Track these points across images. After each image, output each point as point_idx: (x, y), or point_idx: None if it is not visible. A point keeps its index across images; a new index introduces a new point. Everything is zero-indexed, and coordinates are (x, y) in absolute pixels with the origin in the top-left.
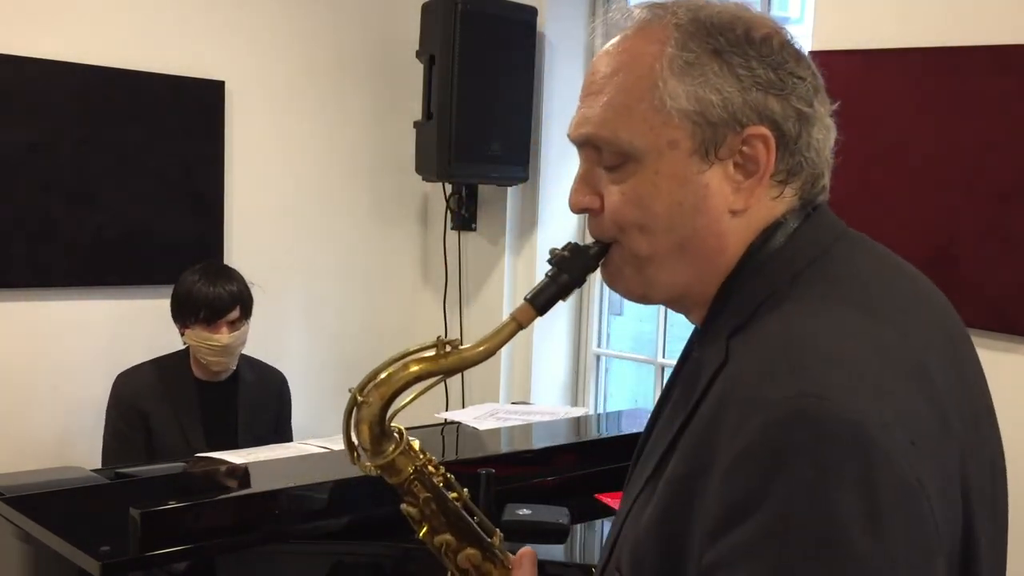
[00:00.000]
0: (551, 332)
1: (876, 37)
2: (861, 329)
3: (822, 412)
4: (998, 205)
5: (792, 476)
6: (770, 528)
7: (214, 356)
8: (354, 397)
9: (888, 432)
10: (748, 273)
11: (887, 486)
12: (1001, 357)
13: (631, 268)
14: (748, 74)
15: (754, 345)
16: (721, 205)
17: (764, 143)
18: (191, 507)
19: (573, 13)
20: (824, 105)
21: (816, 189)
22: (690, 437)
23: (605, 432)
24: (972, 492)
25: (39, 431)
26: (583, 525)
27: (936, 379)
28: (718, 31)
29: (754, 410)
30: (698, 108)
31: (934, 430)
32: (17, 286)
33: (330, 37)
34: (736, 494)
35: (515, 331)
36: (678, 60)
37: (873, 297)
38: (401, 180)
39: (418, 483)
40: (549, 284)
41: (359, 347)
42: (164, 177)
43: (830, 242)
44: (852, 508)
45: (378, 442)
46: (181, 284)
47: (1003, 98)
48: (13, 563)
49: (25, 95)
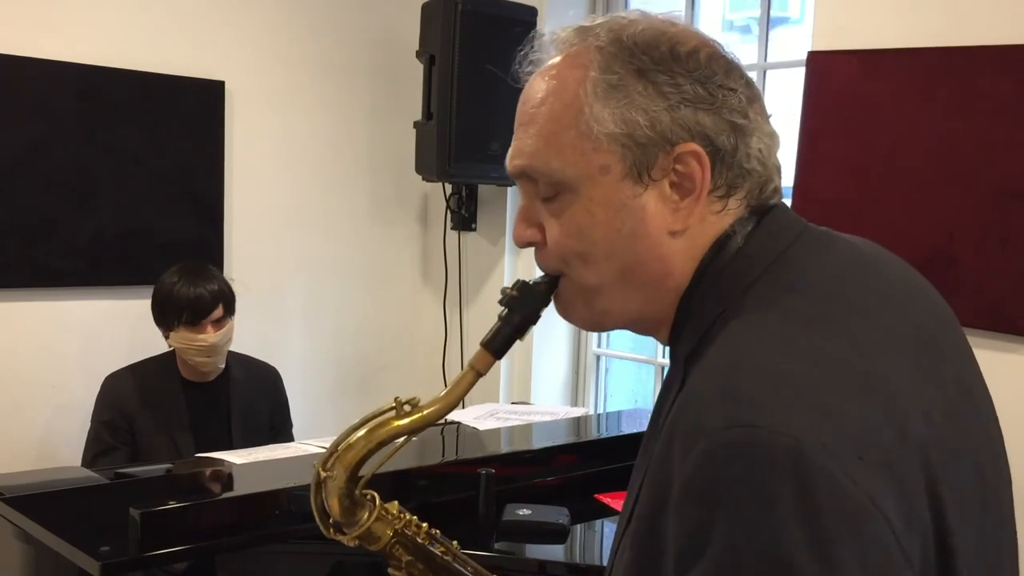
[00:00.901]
0: (551, 332)
1: (876, 37)
2: (806, 344)
3: (754, 440)
4: (998, 205)
5: (731, 511)
6: (722, 564)
7: (202, 356)
8: (317, 472)
9: (828, 452)
10: (703, 291)
11: (831, 510)
12: (1001, 357)
13: (580, 300)
14: (675, 91)
15: (702, 369)
16: (660, 227)
17: (697, 159)
18: (191, 507)
19: (573, 13)
20: (761, 114)
21: (765, 194)
22: (654, 466)
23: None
24: (944, 493)
25: (39, 431)
26: (583, 525)
27: (895, 384)
28: (641, 50)
29: (692, 442)
30: (625, 130)
31: (889, 440)
32: (17, 286)
33: (330, 37)
34: (686, 530)
35: (474, 380)
36: (602, 83)
37: (825, 305)
38: (401, 180)
39: (399, 547)
40: (503, 326)
41: (359, 347)
42: (164, 177)
43: (785, 245)
44: (796, 538)
45: (350, 513)
46: (161, 287)
47: (1003, 98)
48: (13, 563)
49: (25, 95)
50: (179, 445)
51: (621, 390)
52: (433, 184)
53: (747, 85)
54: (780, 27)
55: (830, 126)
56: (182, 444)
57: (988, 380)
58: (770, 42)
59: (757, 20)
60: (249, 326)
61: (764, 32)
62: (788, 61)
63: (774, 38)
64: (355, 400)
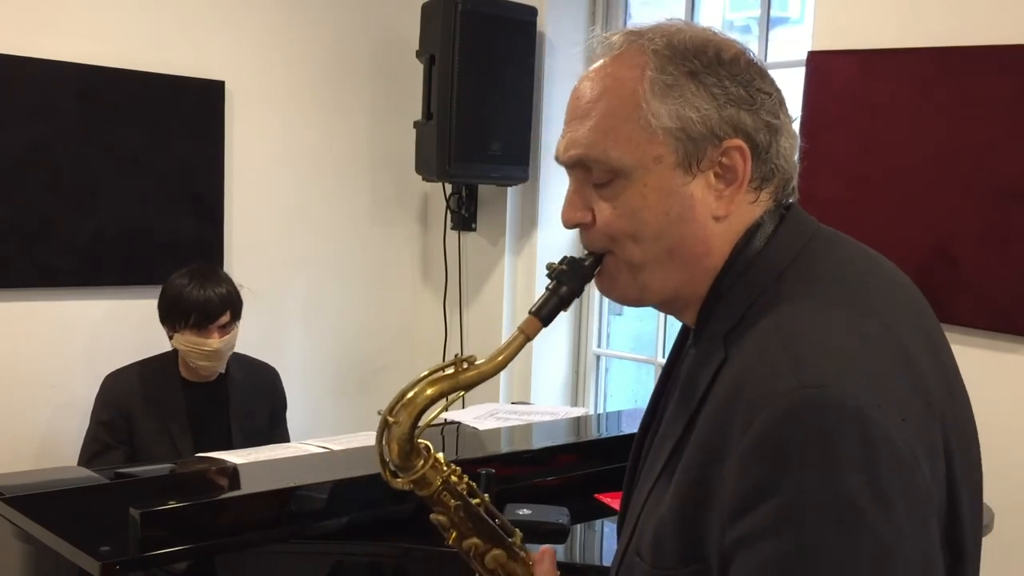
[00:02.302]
0: (551, 332)
1: (876, 37)
2: (847, 322)
3: (825, 400)
4: (998, 205)
5: (803, 461)
6: (789, 508)
7: (204, 360)
8: (384, 419)
9: (883, 413)
10: (735, 274)
11: (887, 460)
12: (1001, 357)
13: (626, 275)
14: (722, 92)
15: (751, 343)
16: (705, 212)
17: (740, 154)
18: (191, 507)
19: (573, 13)
20: (788, 116)
21: (787, 191)
22: (701, 429)
23: (605, 432)
24: (954, 457)
25: (38, 431)
26: (583, 525)
27: (918, 361)
28: (692, 54)
29: (763, 404)
30: (680, 125)
31: (920, 408)
32: (17, 286)
33: (330, 37)
34: (753, 479)
35: (524, 343)
36: (658, 82)
37: (852, 290)
38: (401, 180)
39: (447, 493)
40: (551, 296)
41: (359, 347)
42: (164, 177)
43: (806, 240)
44: (859, 484)
45: (408, 459)
46: (170, 287)
47: (1002, 98)
48: (13, 563)
49: (25, 95)
50: (178, 444)
51: (621, 390)
52: (433, 184)
53: (778, 90)
54: (780, 27)
55: (830, 126)
56: (181, 443)
57: (988, 380)
58: (770, 42)
59: (757, 20)
60: (249, 326)
61: (764, 32)
62: (788, 61)
63: (774, 38)
64: (355, 400)
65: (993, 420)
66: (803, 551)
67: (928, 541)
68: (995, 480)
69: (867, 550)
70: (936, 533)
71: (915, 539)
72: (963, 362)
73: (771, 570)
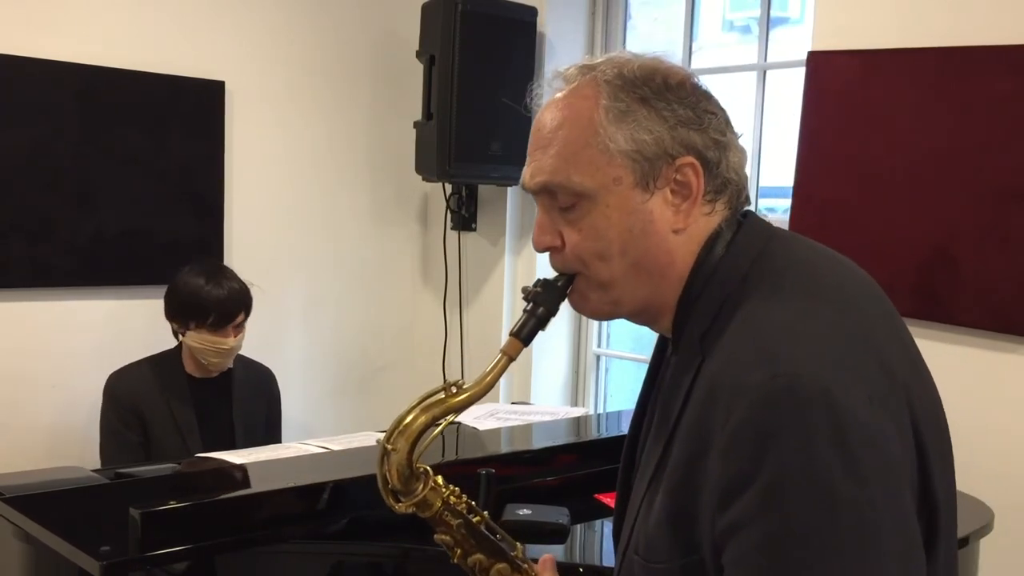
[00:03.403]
0: (551, 332)
1: (876, 37)
2: (811, 312)
3: (796, 387)
4: (998, 205)
5: (780, 445)
6: (771, 490)
7: (217, 358)
8: (383, 447)
9: (851, 394)
10: (702, 281)
11: (858, 439)
12: (1001, 357)
13: (597, 293)
14: (671, 115)
15: (725, 342)
16: (665, 226)
17: (693, 170)
18: (191, 507)
19: (573, 13)
20: (733, 133)
21: (741, 200)
22: (686, 427)
23: (605, 432)
24: (921, 427)
25: (38, 430)
26: (583, 525)
27: (880, 342)
28: (641, 82)
29: (740, 395)
30: (635, 147)
31: (885, 386)
32: (17, 286)
33: (330, 37)
34: (736, 467)
35: (507, 364)
36: (613, 109)
37: (814, 283)
38: (401, 180)
39: (448, 513)
40: (529, 318)
41: (359, 347)
42: (164, 177)
43: (764, 242)
44: (833, 461)
45: (408, 483)
46: (184, 285)
47: (1003, 98)
48: (13, 563)
49: (25, 95)
50: (187, 439)
51: (621, 390)
52: (433, 184)
53: (722, 110)
54: (780, 27)
55: (830, 126)
56: (189, 439)
57: (988, 380)
58: (770, 42)
59: (757, 20)
60: (249, 325)
61: (764, 32)
62: (788, 61)
63: (774, 38)
64: (355, 400)
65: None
66: (789, 530)
67: (903, 511)
68: (995, 480)
69: (847, 522)
70: (911, 504)
71: (891, 510)
72: (963, 362)
73: (761, 552)
